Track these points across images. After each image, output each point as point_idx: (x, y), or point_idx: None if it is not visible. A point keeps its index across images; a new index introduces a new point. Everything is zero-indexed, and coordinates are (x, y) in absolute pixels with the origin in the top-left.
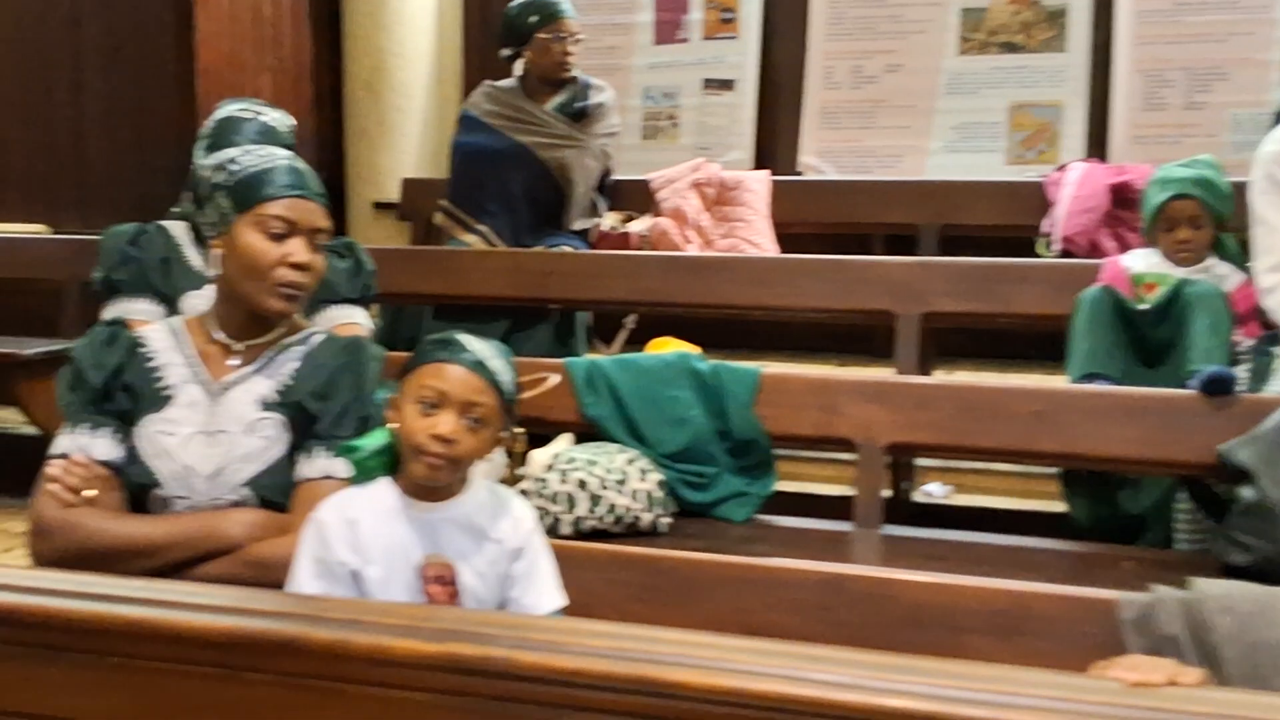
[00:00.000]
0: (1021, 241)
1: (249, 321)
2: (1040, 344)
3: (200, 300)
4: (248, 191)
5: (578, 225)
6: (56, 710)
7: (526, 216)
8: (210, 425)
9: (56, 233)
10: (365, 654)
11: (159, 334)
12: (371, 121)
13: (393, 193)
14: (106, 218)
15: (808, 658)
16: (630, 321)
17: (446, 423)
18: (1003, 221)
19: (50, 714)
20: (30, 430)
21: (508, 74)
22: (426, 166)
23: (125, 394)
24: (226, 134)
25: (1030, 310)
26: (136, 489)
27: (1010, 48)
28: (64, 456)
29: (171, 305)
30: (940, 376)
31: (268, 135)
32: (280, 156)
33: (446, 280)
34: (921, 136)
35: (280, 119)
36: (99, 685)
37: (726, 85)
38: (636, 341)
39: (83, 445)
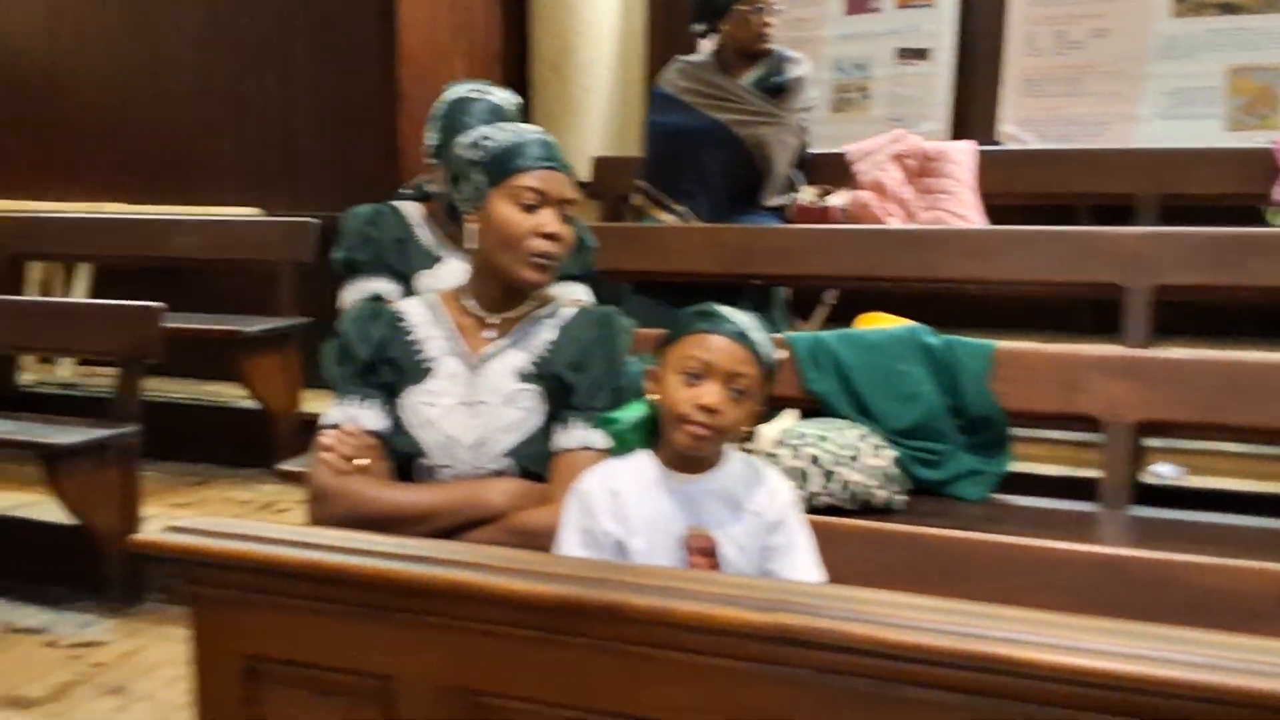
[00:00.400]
0: (1246, 211)
1: (503, 294)
2: (1261, 320)
3: (433, 279)
4: (501, 165)
5: (774, 202)
6: (375, 666)
7: (724, 195)
8: (470, 396)
9: (268, 215)
10: (688, 622)
11: (417, 309)
12: (558, 102)
13: (579, 171)
14: (314, 200)
15: (1163, 638)
16: (830, 297)
17: (712, 393)
18: (1228, 190)
19: (369, 670)
20: (251, 404)
21: (692, 50)
22: (611, 145)
23: (389, 367)
24: (458, 114)
25: (1274, 283)
26: (403, 458)
27: (1228, 9)
28: (335, 427)
29: (406, 284)
30: (1188, 352)
31: (496, 114)
32: (530, 131)
33: (649, 256)
34: (1131, 103)
35: (507, 98)
36: (418, 644)
37: (921, 54)
38: (836, 319)
39: (353, 416)
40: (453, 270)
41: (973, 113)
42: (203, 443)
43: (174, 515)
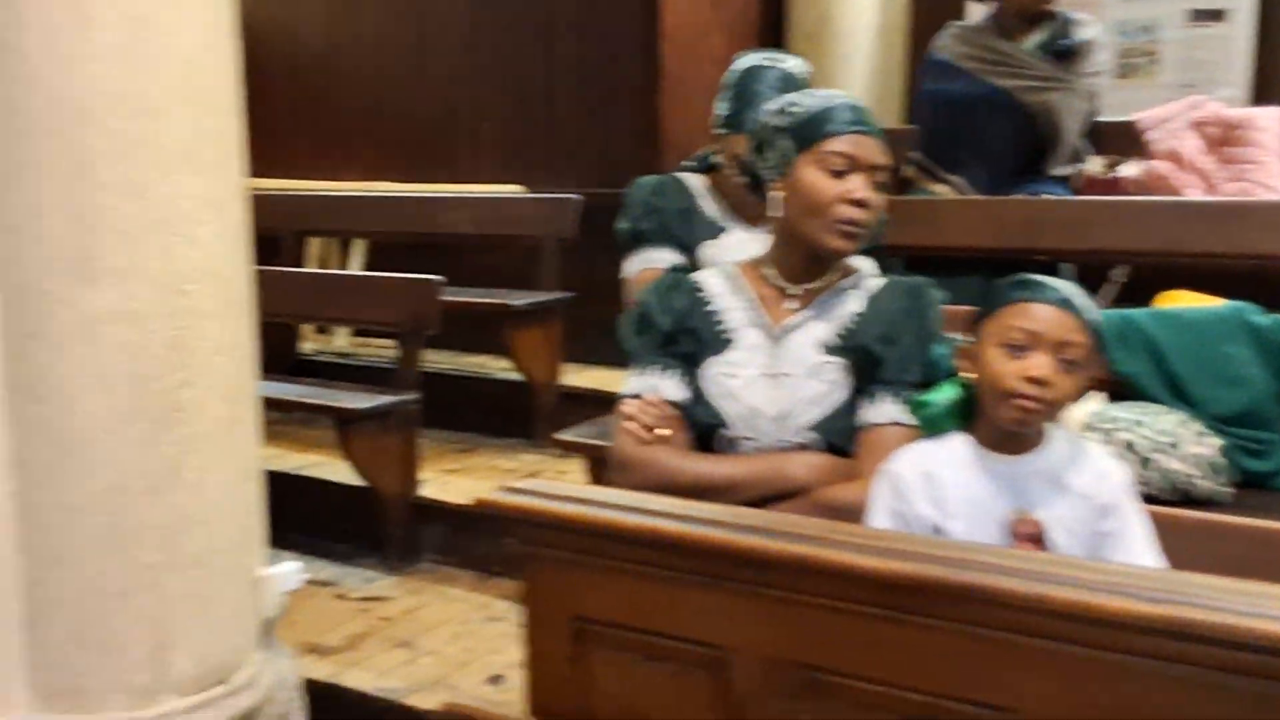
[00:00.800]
0: None
1: (806, 264)
2: None
3: (716, 250)
4: (809, 130)
5: (1060, 172)
6: (708, 636)
7: (1005, 165)
8: (772, 368)
9: (531, 192)
10: (1065, 610)
11: (716, 279)
12: (815, 73)
13: None
14: (573, 176)
15: None
16: (1119, 275)
17: (1040, 364)
18: None
19: (701, 638)
20: (512, 375)
21: (959, 15)
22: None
23: (689, 337)
24: (749, 84)
25: None
26: (703, 429)
27: None
28: (636, 396)
29: (690, 255)
30: None
31: (788, 82)
32: (839, 95)
33: (922, 230)
34: None
35: (797, 65)
36: (754, 616)
37: (1216, 16)
38: (1127, 297)
39: (653, 385)
40: (736, 242)
41: (1276, 78)
42: (467, 412)
43: (446, 480)
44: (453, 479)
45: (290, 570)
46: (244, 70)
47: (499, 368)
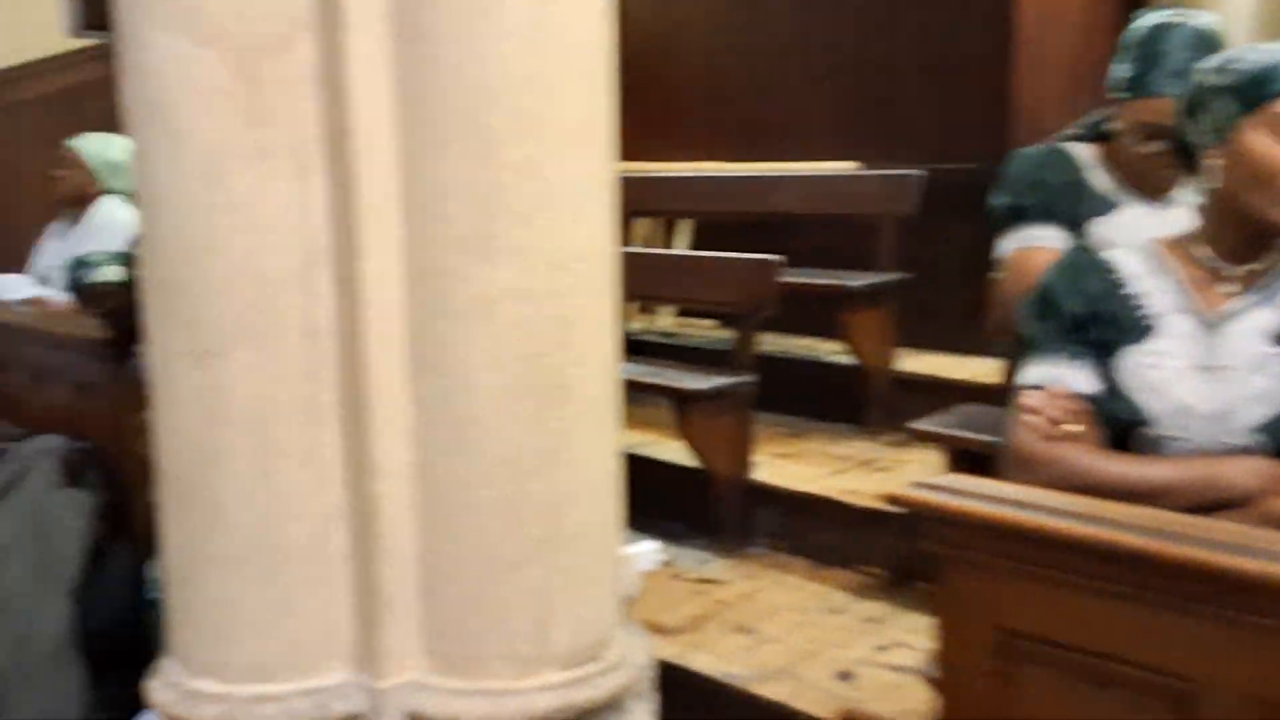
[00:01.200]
0: None
1: (1248, 242)
2: None
3: (1108, 228)
4: (1256, 88)
5: None
6: (1169, 664)
7: None
8: (1207, 360)
9: (866, 168)
10: None
11: (1133, 259)
12: None
13: None
14: (910, 152)
15: None
16: None
17: None
18: None
19: (1160, 667)
20: (842, 359)
21: None
22: None
23: (1102, 324)
24: (1155, 42)
25: None
26: (1118, 427)
27: None
28: (1038, 388)
29: (1076, 233)
30: None
31: (1200, 40)
32: None
33: None
34: None
35: (1210, 21)
36: (1236, 646)
37: None
38: None
39: (1058, 376)
40: (1132, 218)
41: None
42: (796, 395)
43: (778, 464)
44: (784, 463)
45: (649, 550)
46: None
47: (828, 350)
